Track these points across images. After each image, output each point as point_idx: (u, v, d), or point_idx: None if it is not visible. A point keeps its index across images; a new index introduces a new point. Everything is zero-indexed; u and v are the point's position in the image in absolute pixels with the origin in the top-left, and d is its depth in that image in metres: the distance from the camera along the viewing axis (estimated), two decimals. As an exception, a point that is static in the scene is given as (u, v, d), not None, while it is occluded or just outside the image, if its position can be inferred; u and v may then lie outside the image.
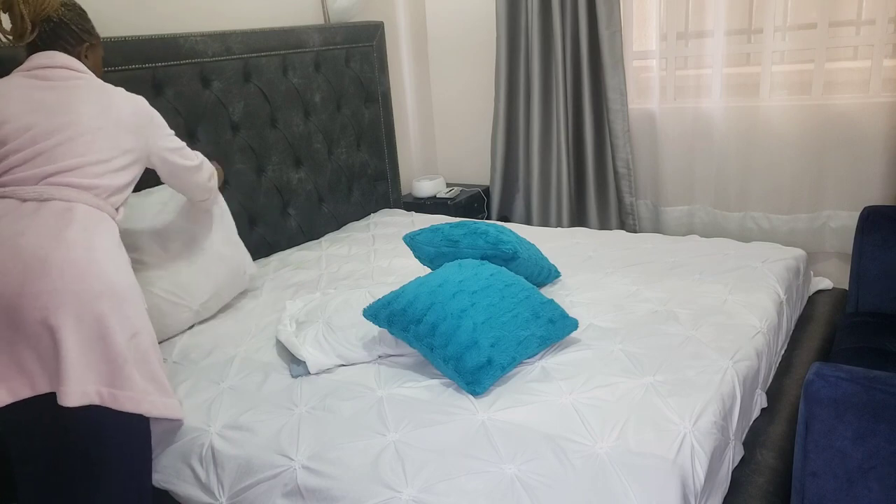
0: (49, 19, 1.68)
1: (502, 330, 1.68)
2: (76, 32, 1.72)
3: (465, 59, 3.74)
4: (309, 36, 2.90)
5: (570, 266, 2.40)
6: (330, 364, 1.81)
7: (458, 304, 1.70)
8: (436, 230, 2.11)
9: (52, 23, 1.69)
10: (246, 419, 1.64)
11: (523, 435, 1.46)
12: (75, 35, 1.72)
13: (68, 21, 1.71)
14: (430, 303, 1.71)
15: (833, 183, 3.00)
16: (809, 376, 1.26)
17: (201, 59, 2.48)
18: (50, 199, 1.56)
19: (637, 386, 1.60)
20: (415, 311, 1.71)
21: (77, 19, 1.73)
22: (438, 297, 1.72)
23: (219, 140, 2.58)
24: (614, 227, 3.39)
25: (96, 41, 1.79)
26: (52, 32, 1.69)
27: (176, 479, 1.63)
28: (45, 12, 1.67)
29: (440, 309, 1.69)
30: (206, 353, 1.97)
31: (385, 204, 3.44)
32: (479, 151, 3.80)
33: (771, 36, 2.97)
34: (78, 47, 1.73)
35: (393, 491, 1.39)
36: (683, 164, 3.28)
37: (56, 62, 1.68)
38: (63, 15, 1.70)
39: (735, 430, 1.59)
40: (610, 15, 3.12)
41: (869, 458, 1.21)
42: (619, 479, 1.34)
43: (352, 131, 3.18)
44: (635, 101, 3.36)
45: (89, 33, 1.76)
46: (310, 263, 2.65)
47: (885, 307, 2.18)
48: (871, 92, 2.88)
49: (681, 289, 2.13)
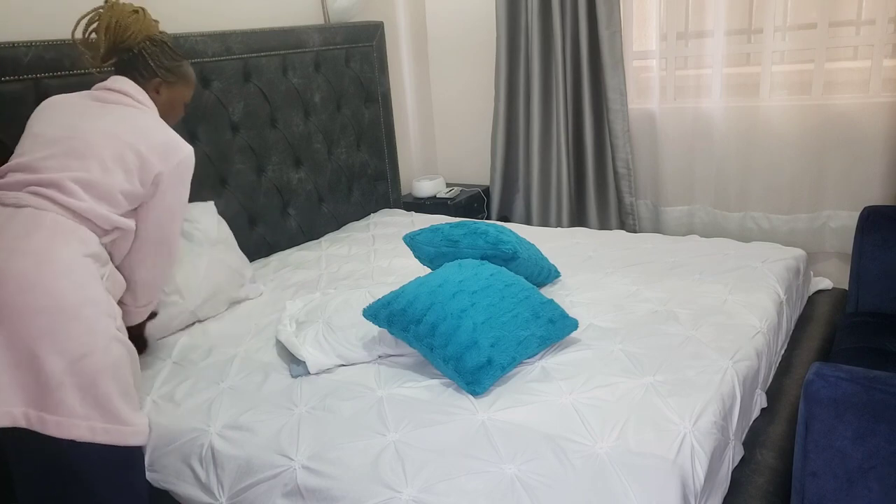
0: (129, 49, 1.76)
1: (502, 330, 1.68)
2: (151, 67, 1.77)
3: (465, 59, 3.74)
4: (309, 36, 2.90)
5: (570, 266, 2.40)
6: (330, 364, 1.81)
7: (457, 304, 1.70)
8: (436, 230, 2.11)
9: (131, 53, 1.77)
10: (246, 419, 1.64)
11: (523, 435, 1.46)
12: (150, 69, 1.77)
13: (148, 55, 1.77)
14: (429, 303, 1.71)
15: (833, 183, 3.00)
16: (809, 376, 1.26)
17: (201, 59, 2.48)
18: (25, 206, 1.54)
19: (637, 386, 1.60)
20: (415, 311, 1.71)
21: (158, 54, 1.79)
22: (438, 297, 1.72)
23: (219, 140, 2.58)
24: (614, 227, 3.39)
25: (175, 80, 1.83)
26: (128, 62, 1.77)
27: (176, 479, 1.63)
28: (125, 43, 1.75)
29: (440, 309, 1.69)
30: (206, 353, 1.97)
31: (385, 204, 3.44)
32: (479, 151, 3.80)
33: (771, 36, 2.97)
34: (150, 81, 1.78)
35: (393, 491, 1.39)
36: (683, 164, 3.28)
37: (117, 86, 1.74)
38: (144, 48, 1.77)
39: (735, 430, 1.59)
40: (610, 15, 3.12)
41: (869, 458, 1.21)
42: (619, 479, 1.34)
43: (352, 131, 3.18)
44: (635, 101, 3.36)
45: (168, 70, 1.80)
46: (310, 263, 2.65)
47: (885, 307, 2.18)
48: (871, 92, 2.88)
49: (681, 289, 2.13)
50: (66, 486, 1.50)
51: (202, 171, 1.96)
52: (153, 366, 1.92)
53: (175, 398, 1.76)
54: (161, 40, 1.81)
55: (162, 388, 1.81)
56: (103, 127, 1.65)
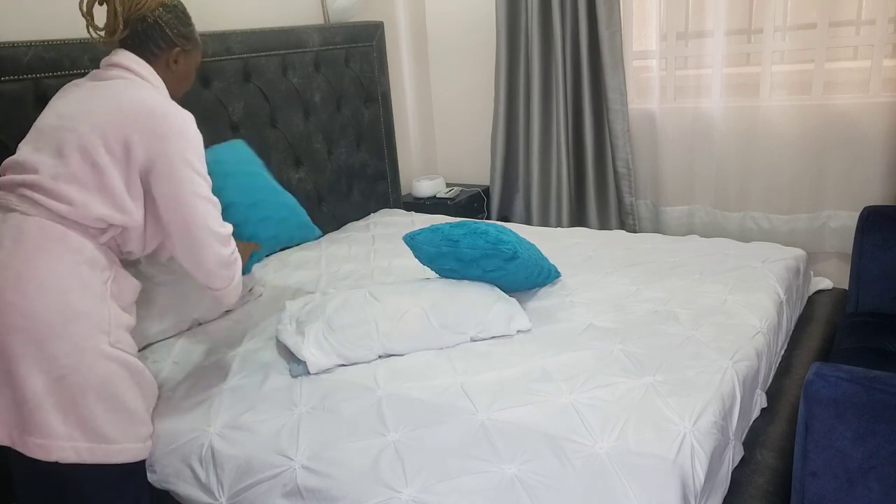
0: (144, 19, 1.59)
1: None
2: (169, 36, 1.62)
3: (465, 59, 3.74)
4: (309, 36, 2.90)
5: (570, 266, 2.40)
6: (330, 364, 1.81)
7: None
8: (436, 230, 2.11)
9: (146, 23, 1.60)
10: (246, 419, 1.64)
11: (523, 435, 1.46)
12: (167, 38, 1.62)
13: (164, 23, 1.61)
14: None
15: (833, 183, 3.00)
16: (809, 376, 1.26)
17: (201, 58, 2.47)
18: (13, 210, 1.45)
19: (637, 386, 1.60)
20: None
21: (174, 22, 1.63)
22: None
23: (218, 140, 2.57)
24: (614, 227, 3.39)
25: (192, 46, 1.69)
26: (143, 33, 1.60)
27: (176, 479, 1.63)
28: (140, 11, 1.58)
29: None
30: (206, 353, 1.97)
31: (385, 204, 3.44)
32: (479, 151, 3.80)
33: (771, 36, 2.97)
34: (169, 51, 1.63)
35: (393, 491, 1.39)
36: (683, 164, 3.28)
37: (115, 60, 1.58)
38: (160, 16, 1.61)
39: (735, 430, 1.59)
40: (610, 15, 3.12)
41: (869, 458, 1.21)
42: (619, 479, 1.34)
43: (352, 131, 3.18)
44: (635, 101, 3.36)
45: (186, 38, 1.66)
46: (310, 263, 2.65)
47: (885, 307, 2.18)
48: (871, 92, 2.88)
49: (681, 289, 2.13)
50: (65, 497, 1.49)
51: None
52: (153, 366, 1.92)
53: (175, 398, 1.76)
54: (173, 4, 1.65)
55: (162, 388, 1.80)
56: (89, 111, 1.50)
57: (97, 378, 1.43)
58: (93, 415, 1.43)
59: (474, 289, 1.97)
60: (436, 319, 1.86)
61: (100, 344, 1.44)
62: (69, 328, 1.40)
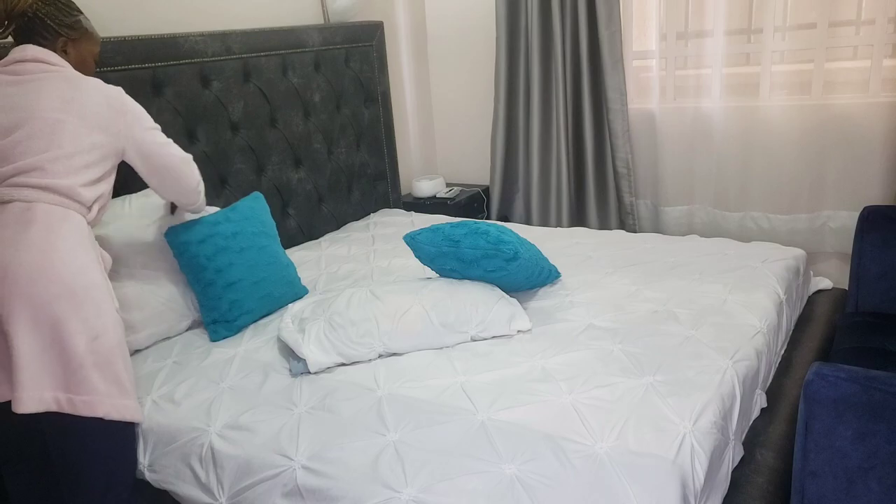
0: (24, 14, 1.66)
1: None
2: (51, 27, 1.68)
3: (465, 59, 3.74)
4: (309, 36, 2.90)
5: (570, 266, 2.40)
6: (330, 362, 1.81)
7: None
8: (436, 230, 2.11)
9: (26, 17, 1.66)
10: (246, 419, 1.64)
11: (523, 435, 1.46)
12: (50, 29, 1.68)
13: (43, 16, 1.67)
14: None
15: (833, 183, 3.00)
16: (809, 376, 1.26)
17: (201, 58, 2.48)
18: (11, 200, 1.54)
19: (637, 386, 1.60)
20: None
21: (54, 13, 1.69)
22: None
23: (218, 140, 2.58)
24: (614, 227, 3.39)
25: (79, 36, 1.74)
26: (26, 27, 1.67)
27: (176, 479, 1.63)
28: (18, 8, 1.65)
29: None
30: (206, 353, 1.97)
31: (385, 204, 3.44)
32: (479, 151, 3.80)
33: (771, 36, 2.97)
34: (54, 42, 1.69)
35: (393, 491, 1.39)
36: (683, 163, 3.28)
37: (27, 55, 1.65)
38: (38, 10, 1.67)
39: (735, 430, 1.59)
40: (610, 15, 3.12)
41: (869, 458, 1.21)
42: (619, 479, 1.34)
43: (351, 131, 3.18)
44: (635, 101, 3.36)
45: (70, 27, 1.71)
46: (309, 263, 2.65)
47: (885, 307, 2.18)
48: (870, 92, 2.88)
49: (681, 289, 2.13)
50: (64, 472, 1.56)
51: (202, 172, 1.95)
52: (153, 366, 1.92)
53: (175, 398, 1.76)
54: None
55: (162, 387, 1.81)
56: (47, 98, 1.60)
57: (117, 339, 1.57)
58: (119, 373, 1.56)
59: (475, 288, 1.97)
60: (437, 318, 1.87)
61: (112, 309, 1.59)
62: (92, 294, 1.53)
